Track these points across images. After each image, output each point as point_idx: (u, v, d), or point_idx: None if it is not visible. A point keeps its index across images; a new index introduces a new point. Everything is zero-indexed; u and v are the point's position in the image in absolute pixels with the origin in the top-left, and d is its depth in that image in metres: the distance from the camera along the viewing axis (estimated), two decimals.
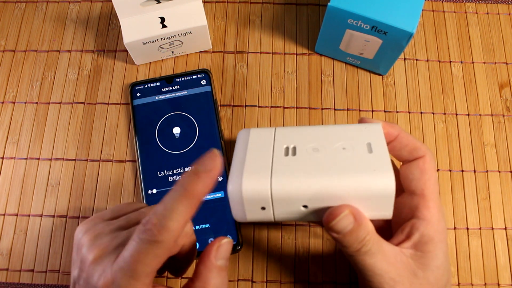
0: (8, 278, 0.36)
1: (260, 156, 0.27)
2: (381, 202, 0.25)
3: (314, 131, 0.29)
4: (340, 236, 0.25)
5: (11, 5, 0.44)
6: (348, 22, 0.35)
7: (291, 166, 0.26)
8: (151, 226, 0.22)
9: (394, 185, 0.25)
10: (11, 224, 0.37)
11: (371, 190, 0.25)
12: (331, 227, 0.25)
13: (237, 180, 0.26)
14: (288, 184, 0.25)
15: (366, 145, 0.27)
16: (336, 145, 0.27)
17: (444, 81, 0.41)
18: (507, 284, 0.36)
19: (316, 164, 0.26)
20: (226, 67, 0.42)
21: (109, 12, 0.44)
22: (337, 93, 0.41)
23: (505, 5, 0.44)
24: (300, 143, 0.28)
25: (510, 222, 0.37)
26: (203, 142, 0.38)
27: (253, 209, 0.26)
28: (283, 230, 0.37)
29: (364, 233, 0.25)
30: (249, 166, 0.27)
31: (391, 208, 0.26)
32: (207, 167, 0.23)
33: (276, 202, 0.26)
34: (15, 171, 0.39)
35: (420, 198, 0.28)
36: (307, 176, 0.26)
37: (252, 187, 0.26)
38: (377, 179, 0.25)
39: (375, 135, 0.27)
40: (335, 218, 0.25)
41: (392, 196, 0.25)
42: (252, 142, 0.28)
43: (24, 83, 0.42)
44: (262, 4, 0.44)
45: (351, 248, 0.25)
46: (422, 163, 0.28)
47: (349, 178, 0.25)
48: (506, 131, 0.40)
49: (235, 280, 0.36)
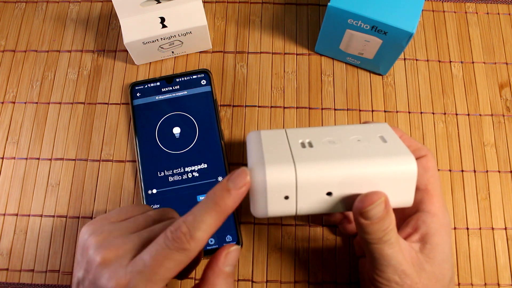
0: (8, 278, 0.36)
1: (277, 149, 0.27)
2: (404, 186, 0.26)
3: (325, 130, 0.29)
4: (368, 223, 0.25)
5: (11, 5, 0.44)
6: (348, 22, 0.35)
7: (312, 155, 0.26)
8: (181, 235, 0.23)
9: (416, 167, 0.25)
10: (11, 224, 0.37)
11: (396, 172, 0.25)
12: (364, 213, 0.25)
13: (260, 170, 0.25)
14: (313, 167, 0.25)
15: (379, 137, 0.27)
16: (351, 138, 0.28)
17: (444, 81, 0.41)
18: (507, 284, 0.36)
19: (337, 152, 0.26)
20: (226, 67, 0.42)
21: (109, 12, 0.44)
22: (337, 93, 0.41)
23: (505, 5, 0.44)
24: (315, 138, 0.28)
25: (510, 222, 0.37)
26: (203, 142, 0.38)
27: (276, 200, 0.25)
28: (283, 230, 0.37)
29: (389, 222, 0.25)
30: (269, 157, 0.26)
31: (413, 193, 0.26)
32: (238, 184, 0.24)
33: (301, 189, 0.25)
34: (15, 171, 0.39)
35: (424, 193, 0.29)
36: (331, 160, 0.25)
37: (276, 173, 0.25)
38: (399, 161, 0.25)
39: (385, 130, 0.28)
40: (371, 204, 0.25)
41: (415, 179, 0.25)
42: (266, 141, 0.28)
43: (24, 83, 0.42)
44: (262, 4, 0.44)
45: (374, 236, 0.25)
46: (425, 161, 0.30)
47: (373, 161, 0.25)
48: (506, 131, 0.40)
49: (235, 280, 0.36)
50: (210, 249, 0.35)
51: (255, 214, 0.26)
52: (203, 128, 0.39)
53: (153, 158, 0.38)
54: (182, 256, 0.23)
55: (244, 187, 0.24)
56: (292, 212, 0.26)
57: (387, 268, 0.26)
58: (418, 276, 0.27)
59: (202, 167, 0.38)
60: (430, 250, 0.27)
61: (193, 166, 0.38)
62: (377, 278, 0.27)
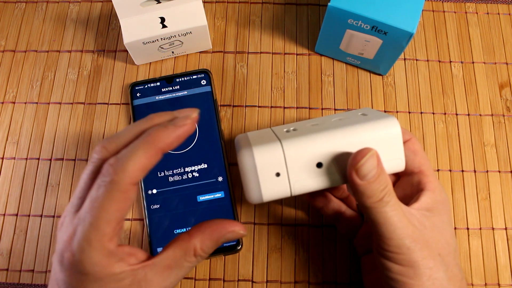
0: (8, 278, 0.36)
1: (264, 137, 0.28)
2: (392, 146, 0.26)
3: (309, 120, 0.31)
4: (365, 183, 0.25)
5: (11, 5, 0.44)
6: (348, 22, 0.35)
7: (297, 134, 0.27)
8: (109, 167, 0.23)
9: (399, 125, 0.26)
10: (11, 224, 0.37)
11: (380, 132, 0.26)
12: (358, 169, 0.25)
13: (247, 151, 0.26)
14: (299, 141, 0.26)
15: (360, 115, 0.28)
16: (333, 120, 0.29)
17: (444, 81, 0.41)
18: (507, 284, 0.36)
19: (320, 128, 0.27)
20: (226, 67, 0.42)
21: (109, 12, 0.44)
22: (337, 93, 0.41)
23: (505, 5, 0.44)
24: (299, 126, 0.29)
25: (510, 222, 0.37)
26: (203, 142, 0.38)
27: (268, 179, 0.26)
28: (283, 230, 0.37)
29: (386, 181, 0.25)
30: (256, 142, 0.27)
31: (402, 154, 0.26)
32: (178, 122, 0.24)
33: (290, 163, 0.26)
34: (15, 171, 0.39)
35: (420, 174, 0.30)
36: (315, 133, 0.26)
37: (264, 152, 0.26)
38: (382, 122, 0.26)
39: (366, 110, 0.30)
40: (362, 158, 0.25)
41: (400, 137, 0.26)
42: (253, 137, 0.29)
43: (24, 83, 0.42)
44: (262, 4, 0.44)
45: (374, 197, 0.25)
46: (412, 145, 0.30)
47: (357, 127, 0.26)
48: (506, 131, 0.40)
49: (235, 280, 0.36)
50: None
51: (250, 199, 0.27)
52: (203, 128, 0.39)
53: None
54: (114, 190, 0.22)
55: (185, 126, 0.24)
56: (287, 191, 0.26)
57: (394, 233, 0.25)
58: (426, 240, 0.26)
59: (202, 167, 0.38)
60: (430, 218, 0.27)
61: (193, 166, 0.38)
62: (387, 247, 0.26)
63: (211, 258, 0.36)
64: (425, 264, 0.26)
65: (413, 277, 0.26)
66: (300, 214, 0.37)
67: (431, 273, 0.26)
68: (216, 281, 0.36)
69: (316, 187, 0.27)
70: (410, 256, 0.25)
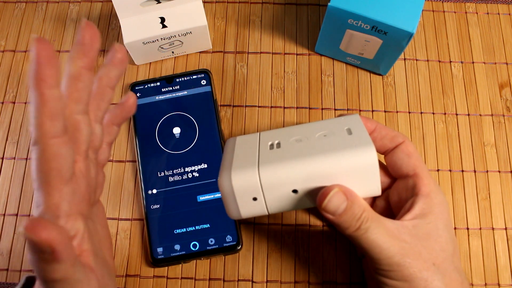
0: (8, 278, 0.36)
1: (246, 154, 0.29)
2: (367, 175, 0.26)
3: (297, 129, 0.30)
4: (336, 217, 0.25)
5: (11, 5, 0.44)
6: (348, 22, 0.35)
7: (277, 156, 0.27)
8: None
9: (376, 155, 0.26)
10: (11, 224, 0.37)
11: (355, 163, 0.26)
12: (324, 208, 0.25)
13: (226, 175, 0.27)
14: (275, 169, 0.26)
15: (345, 130, 0.28)
16: (317, 134, 0.29)
17: (444, 81, 0.41)
18: (507, 284, 0.36)
19: (300, 150, 0.27)
20: (226, 67, 0.42)
21: (109, 12, 0.44)
22: (337, 93, 0.41)
23: (505, 5, 0.44)
24: (284, 139, 0.29)
25: (510, 222, 0.37)
26: (203, 142, 0.38)
27: (245, 202, 0.27)
28: (283, 230, 0.37)
29: (360, 210, 0.25)
30: (236, 163, 0.28)
31: (378, 181, 0.26)
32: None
33: (266, 190, 0.27)
34: (15, 171, 0.39)
35: (415, 177, 0.29)
36: (292, 159, 0.27)
37: (241, 178, 0.27)
38: (358, 152, 0.26)
39: (354, 122, 0.29)
40: (325, 197, 0.25)
41: (376, 166, 0.26)
42: (238, 146, 0.30)
43: (24, 83, 0.42)
44: (262, 4, 0.44)
45: (350, 228, 0.26)
46: (405, 147, 0.30)
47: (332, 155, 0.26)
48: (506, 131, 0.40)
49: (235, 280, 0.36)
50: (210, 249, 0.35)
51: (230, 216, 0.28)
52: (203, 128, 0.39)
53: (153, 158, 0.38)
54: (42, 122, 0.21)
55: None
56: (264, 212, 0.28)
57: (381, 254, 0.26)
58: (418, 252, 0.26)
59: (202, 167, 0.38)
60: (423, 227, 0.27)
61: (193, 166, 0.38)
62: (378, 267, 0.26)
63: (211, 258, 0.36)
64: (420, 277, 0.26)
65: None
66: (300, 214, 0.37)
67: (426, 284, 0.26)
68: (216, 281, 0.36)
69: (293, 209, 0.28)
70: (402, 272, 0.26)
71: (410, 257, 0.26)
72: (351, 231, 0.26)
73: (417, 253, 0.26)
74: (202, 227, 0.36)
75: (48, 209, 0.22)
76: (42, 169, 0.22)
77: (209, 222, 0.36)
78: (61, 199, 0.22)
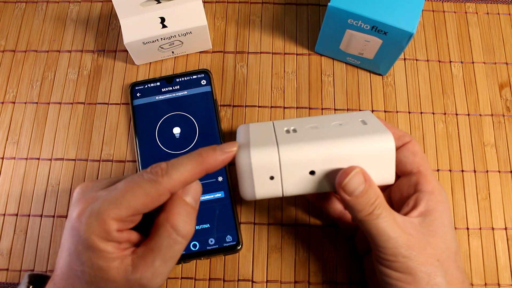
0: (8, 278, 0.36)
1: (263, 136, 0.29)
2: (384, 161, 0.27)
3: (310, 119, 0.31)
4: (353, 198, 0.26)
5: (11, 5, 0.44)
6: (348, 22, 0.35)
7: (295, 138, 0.28)
8: (158, 169, 0.25)
9: (394, 143, 0.26)
10: (11, 224, 0.37)
11: (374, 148, 0.26)
12: (344, 187, 0.26)
13: (245, 153, 0.27)
14: (295, 148, 0.27)
15: (360, 121, 0.29)
16: (333, 123, 0.29)
17: (444, 81, 0.41)
18: (507, 284, 0.36)
19: (317, 134, 0.28)
20: (226, 67, 0.42)
21: (109, 12, 0.44)
22: (337, 93, 0.41)
23: (505, 5, 0.44)
24: (299, 126, 0.30)
25: (510, 222, 0.37)
26: (203, 142, 0.38)
27: (262, 180, 0.27)
28: (283, 230, 0.37)
29: (375, 195, 0.26)
30: (254, 142, 0.28)
31: (393, 169, 0.27)
32: (225, 148, 0.26)
33: (285, 169, 0.27)
34: (15, 171, 0.39)
35: (419, 175, 0.30)
36: (312, 141, 0.27)
37: (260, 155, 0.27)
38: (378, 138, 0.27)
39: (367, 116, 0.30)
40: (346, 176, 0.26)
41: (393, 153, 0.27)
42: (253, 131, 0.30)
43: (24, 83, 0.42)
44: (262, 4, 0.44)
45: (364, 211, 0.26)
46: (411, 146, 0.31)
47: (352, 139, 0.27)
48: (506, 131, 0.40)
49: (235, 280, 0.36)
50: (210, 249, 0.35)
51: (244, 196, 0.28)
52: (203, 128, 0.39)
53: (153, 158, 0.38)
54: (153, 188, 0.24)
55: (230, 153, 0.26)
56: (278, 192, 0.28)
57: (388, 243, 0.26)
58: (423, 247, 0.26)
59: None
60: (429, 224, 0.28)
61: None
62: (383, 256, 0.27)
63: (211, 258, 0.36)
64: (423, 271, 0.26)
65: (412, 283, 0.26)
66: (300, 214, 0.37)
67: (429, 279, 0.26)
68: (216, 281, 0.36)
69: (307, 192, 0.28)
70: (407, 263, 0.26)
71: (415, 250, 0.26)
72: (363, 215, 0.26)
73: (422, 247, 0.26)
74: (202, 227, 0.36)
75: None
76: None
77: (209, 222, 0.36)
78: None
